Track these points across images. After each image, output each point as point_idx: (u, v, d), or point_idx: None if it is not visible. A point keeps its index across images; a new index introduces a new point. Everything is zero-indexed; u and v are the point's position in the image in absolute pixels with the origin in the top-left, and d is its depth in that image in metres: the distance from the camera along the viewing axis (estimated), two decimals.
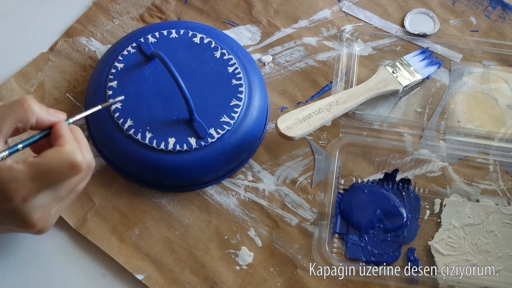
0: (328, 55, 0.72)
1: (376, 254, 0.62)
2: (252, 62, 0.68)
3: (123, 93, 0.63)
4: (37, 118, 0.51)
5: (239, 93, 0.64)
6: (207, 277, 0.60)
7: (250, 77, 0.66)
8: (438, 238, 0.62)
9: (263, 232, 0.63)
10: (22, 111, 0.50)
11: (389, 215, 0.63)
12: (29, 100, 0.50)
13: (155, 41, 0.67)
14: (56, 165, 0.49)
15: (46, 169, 0.49)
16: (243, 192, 0.65)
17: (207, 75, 0.65)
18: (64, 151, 0.49)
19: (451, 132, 0.68)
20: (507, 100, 0.70)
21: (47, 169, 0.49)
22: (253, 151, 0.66)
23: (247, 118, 0.64)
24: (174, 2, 0.75)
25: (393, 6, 0.76)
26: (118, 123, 0.62)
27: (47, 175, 0.49)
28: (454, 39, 0.74)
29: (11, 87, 0.68)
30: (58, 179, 0.50)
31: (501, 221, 0.63)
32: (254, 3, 0.76)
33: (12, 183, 0.48)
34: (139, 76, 0.65)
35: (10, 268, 0.60)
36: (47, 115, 0.52)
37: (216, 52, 0.67)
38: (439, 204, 0.64)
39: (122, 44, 0.67)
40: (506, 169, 0.66)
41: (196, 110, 0.62)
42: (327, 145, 0.67)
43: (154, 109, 0.63)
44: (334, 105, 0.66)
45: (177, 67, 0.61)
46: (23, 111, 0.50)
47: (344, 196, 0.64)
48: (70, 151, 0.50)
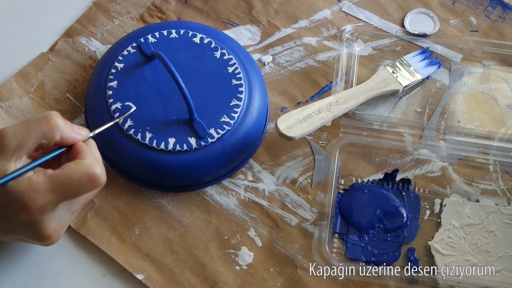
0: (328, 55, 0.72)
1: (376, 254, 0.62)
2: (252, 62, 0.68)
3: (123, 93, 0.63)
4: (61, 135, 0.51)
5: (239, 93, 0.64)
6: (207, 277, 0.60)
7: (250, 77, 0.66)
8: (438, 238, 0.62)
9: (263, 232, 0.63)
10: (48, 128, 0.50)
11: (389, 215, 0.63)
12: (56, 116, 0.50)
13: (155, 41, 0.67)
14: (77, 178, 0.50)
15: (67, 181, 0.49)
16: (243, 192, 0.65)
17: (207, 75, 0.65)
18: (84, 164, 0.50)
19: (451, 132, 0.68)
20: (507, 100, 0.70)
21: (68, 181, 0.49)
22: (253, 151, 0.66)
23: (247, 118, 0.64)
24: (174, 2, 0.75)
25: (393, 6, 0.76)
26: (118, 123, 0.62)
27: (67, 187, 0.49)
28: (454, 39, 0.74)
29: (11, 87, 0.68)
30: (78, 192, 0.50)
31: (501, 221, 0.63)
32: (254, 3, 0.76)
33: (31, 193, 0.48)
34: (139, 76, 0.65)
35: (10, 268, 0.60)
36: (71, 133, 0.52)
37: (216, 52, 0.67)
38: (439, 204, 0.64)
39: (122, 44, 0.67)
40: (506, 169, 0.66)
41: (196, 110, 0.62)
42: (327, 145, 0.67)
43: (154, 109, 0.63)
44: (334, 105, 0.66)
45: (177, 67, 0.61)
46: (49, 128, 0.50)
47: (344, 196, 0.64)
48: (90, 164, 0.50)
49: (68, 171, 0.49)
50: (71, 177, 0.49)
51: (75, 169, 0.50)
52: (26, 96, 0.68)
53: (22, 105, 0.67)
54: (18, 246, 0.61)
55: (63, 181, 0.49)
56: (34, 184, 0.48)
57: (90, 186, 0.50)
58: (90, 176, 0.50)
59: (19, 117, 0.67)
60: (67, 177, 0.49)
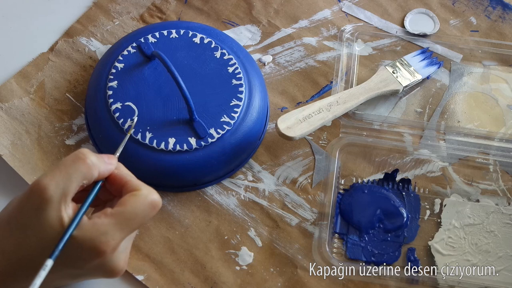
0: (328, 55, 0.72)
1: (376, 254, 0.62)
2: (252, 62, 0.68)
3: (123, 93, 0.63)
4: (98, 172, 0.50)
5: (239, 93, 0.64)
6: (207, 277, 0.60)
7: (250, 77, 0.66)
8: (438, 238, 0.62)
9: (263, 232, 0.63)
10: (86, 169, 0.49)
11: (389, 215, 0.63)
12: (89, 155, 0.50)
13: (155, 41, 0.67)
14: (141, 210, 0.50)
15: (132, 216, 0.49)
16: (243, 192, 0.65)
17: (207, 75, 0.65)
18: (142, 195, 0.50)
19: (451, 132, 0.68)
20: (507, 100, 0.70)
21: (133, 216, 0.49)
22: (253, 151, 0.66)
23: (247, 118, 0.64)
24: (174, 2, 0.75)
25: (393, 6, 0.76)
26: (118, 123, 0.62)
27: (134, 222, 0.49)
28: (454, 39, 0.74)
29: (11, 88, 0.68)
30: (143, 222, 0.51)
31: (501, 221, 0.63)
32: (254, 3, 0.76)
33: (102, 238, 0.48)
34: (139, 76, 0.65)
35: None
36: (106, 165, 0.51)
37: (216, 52, 0.67)
38: (439, 204, 0.64)
39: (122, 44, 0.67)
40: (506, 169, 0.66)
41: (196, 110, 0.62)
42: (327, 145, 0.67)
43: (154, 109, 0.63)
44: (334, 105, 0.66)
45: (177, 67, 0.62)
46: (87, 168, 0.49)
47: (344, 196, 0.64)
48: (148, 193, 0.50)
49: (131, 206, 0.49)
50: (136, 211, 0.49)
51: (137, 202, 0.50)
52: (26, 96, 0.68)
53: (22, 106, 0.67)
54: None
55: (129, 217, 0.49)
56: (101, 228, 0.48)
57: (153, 213, 0.51)
58: (152, 204, 0.50)
59: (19, 118, 0.67)
60: (131, 212, 0.49)
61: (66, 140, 0.66)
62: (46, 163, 0.65)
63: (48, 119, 0.67)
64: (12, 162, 0.64)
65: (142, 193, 0.50)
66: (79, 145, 0.66)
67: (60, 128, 0.67)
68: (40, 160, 0.65)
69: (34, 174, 0.64)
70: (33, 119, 0.67)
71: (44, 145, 0.66)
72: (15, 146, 0.65)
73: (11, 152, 0.65)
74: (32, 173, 0.64)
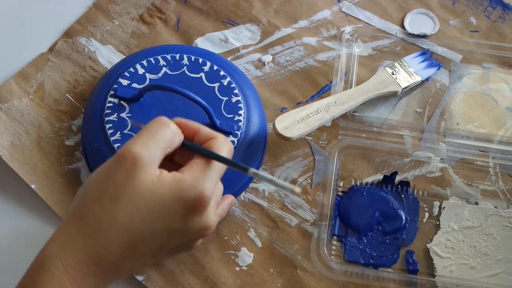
0: (328, 55, 0.72)
1: (375, 256, 0.62)
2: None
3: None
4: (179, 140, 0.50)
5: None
6: (207, 278, 0.61)
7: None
8: (437, 240, 0.62)
9: (263, 232, 0.63)
10: (171, 135, 0.49)
11: (388, 218, 0.63)
12: (171, 122, 0.50)
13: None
14: (225, 154, 0.50)
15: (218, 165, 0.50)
16: (243, 193, 0.65)
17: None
18: (221, 139, 0.51)
19: (451, 134, 0.68)
20: (507, 101, 0.70)
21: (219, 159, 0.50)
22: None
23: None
24: (173, 2, 0.75)
25: (393, 6, 0.76)
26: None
27: (220, 165, 0.50)
28: (454, 40, 0.73)
29: (11, 88, 0.68)
30: (224, 168, 0.50)
31: (500, 224, 0.63)
32: (254, 3, 0.75)
33: (202, 183, 0.48)
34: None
35: (11, 269, 0.60)
36: (181, 135, 0.51)
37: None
38: (438, 206, 0.64)
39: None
40: (505, 171, 0.66)
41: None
42: (327, 146, 0.67)
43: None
44: (333, 106, 0.66)
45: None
46: (172, 135, 0.49)
47: (343, 199, 0.65)
48: (225, 138, 0.51)
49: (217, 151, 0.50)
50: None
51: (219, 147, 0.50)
52: (26, 97, 0.68)
53: (21, 107, 0.67)
54: (18, 246, 0.61)
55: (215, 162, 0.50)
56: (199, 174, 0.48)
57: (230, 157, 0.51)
58: (231, 150, 0.51)
59: (18, 119, 0.67)
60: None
61: (65, 140, 0.66)
62: (45, 163, 0.65)
63: (47, 120, 0.67)
64: (12, 163, 0.64)
65: (220, 139, 0.50)
66: (79, 145, 0.66)
67: (60, 128, 0.67)
68: (40, 160, 0.65)
69: (34, 175, 0.64)
70: (32, 120, 0.67)
71: (43, 146, 0.66)
72: (15, 146, 0.65)
73: (11, 152, 0.65)
74: (31, 173, 0.64)
